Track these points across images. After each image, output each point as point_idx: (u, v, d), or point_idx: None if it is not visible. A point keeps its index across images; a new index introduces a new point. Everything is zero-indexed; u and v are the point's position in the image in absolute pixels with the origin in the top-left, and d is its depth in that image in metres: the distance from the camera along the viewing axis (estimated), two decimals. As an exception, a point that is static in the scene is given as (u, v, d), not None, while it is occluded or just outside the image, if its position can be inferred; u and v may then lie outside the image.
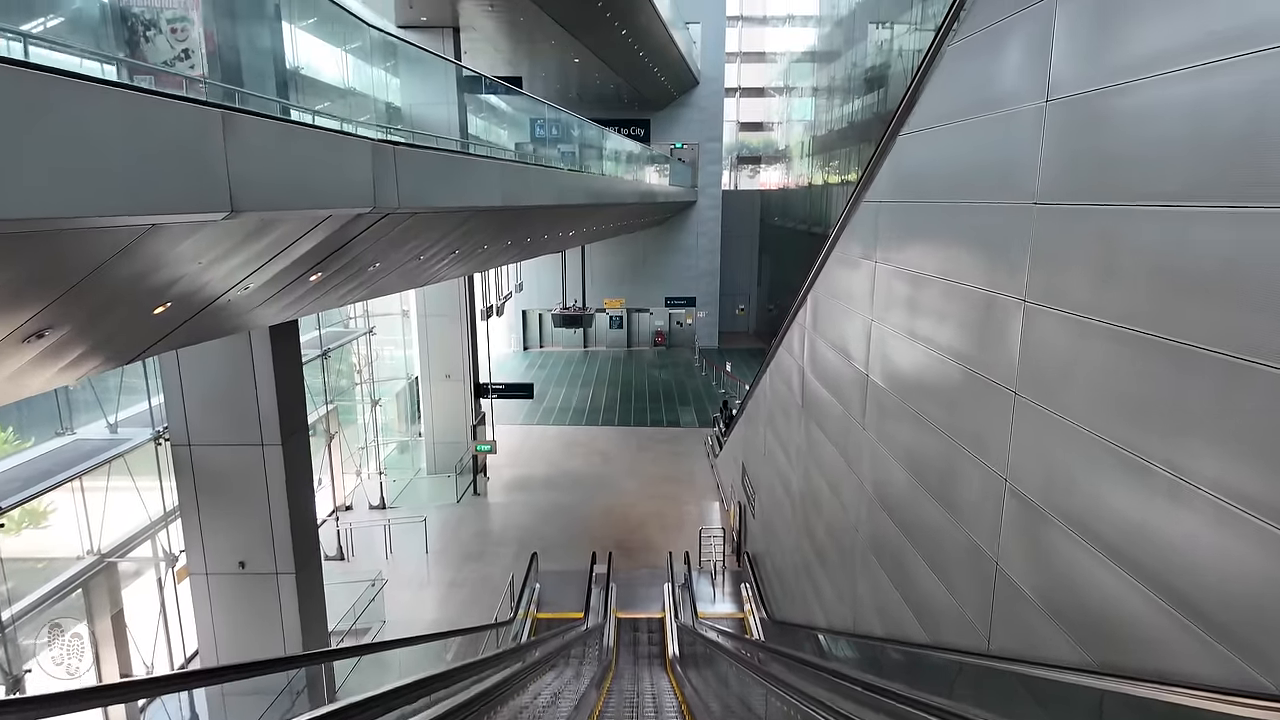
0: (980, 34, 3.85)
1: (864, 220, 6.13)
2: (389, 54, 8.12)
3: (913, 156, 5.04)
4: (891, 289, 5.40)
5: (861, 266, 6.14)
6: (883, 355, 5.68)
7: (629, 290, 32.46)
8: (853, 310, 6.41)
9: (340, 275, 6.46)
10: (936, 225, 4.61)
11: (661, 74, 26.46)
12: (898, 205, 5.34)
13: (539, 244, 12.97)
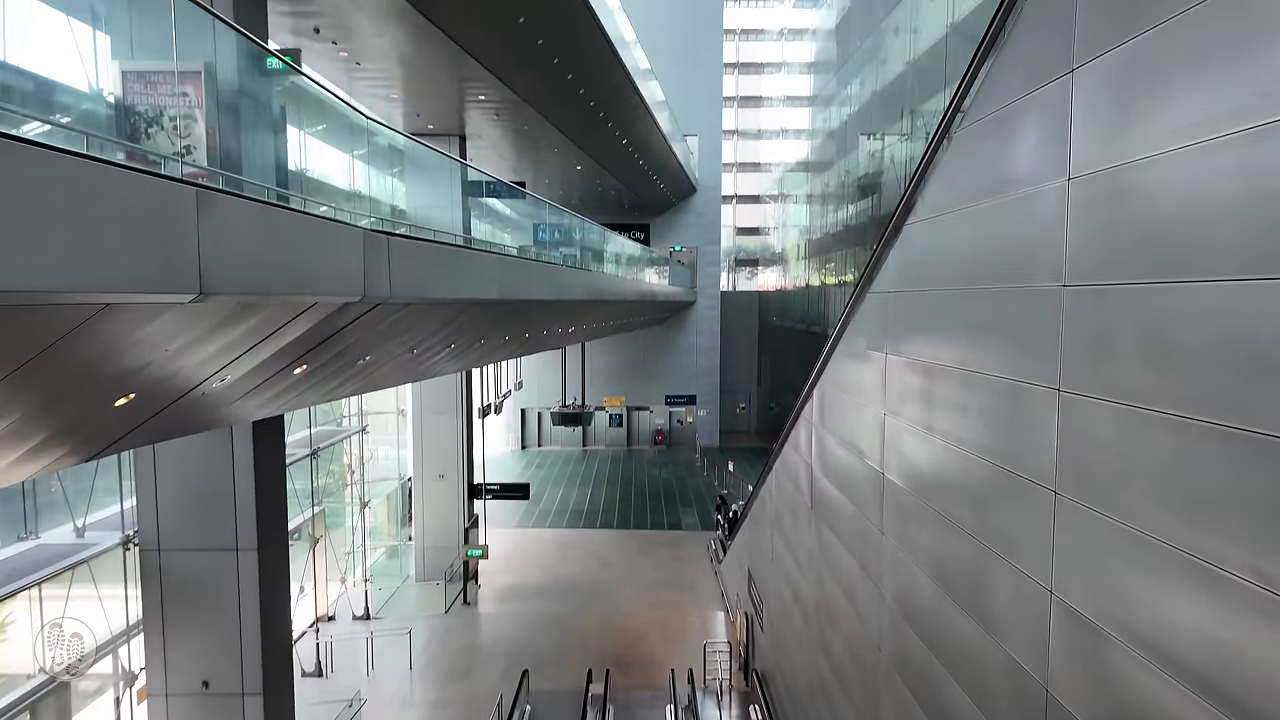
0: (989, 118, 3.77)
1: (871, 311, 5.94)
2: (395, 160, 8.26)
3: (921, 245, 4.90)
4: (904, 381, 5.12)
5: (871, 359, 5.90)
6: (899, 451, 5.32)
7: (629, 388, 32.29)
8: (863, 404, 6.11)
9: (328, 368, 6.21)
10: (951, 313, 4.39)
11: (661, 181, 27.41)
12: (907, 294, 5.15)
13: (538, 340, 12.85)
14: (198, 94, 5.02)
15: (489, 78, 12.10)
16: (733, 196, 37.12)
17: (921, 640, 5.03)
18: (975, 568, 4.22)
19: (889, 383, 5.40)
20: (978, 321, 3.99)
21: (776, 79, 35.94)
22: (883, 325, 5.60)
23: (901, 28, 17.66)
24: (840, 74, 24.77)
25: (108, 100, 4.97)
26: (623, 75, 15.09)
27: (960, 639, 4.42)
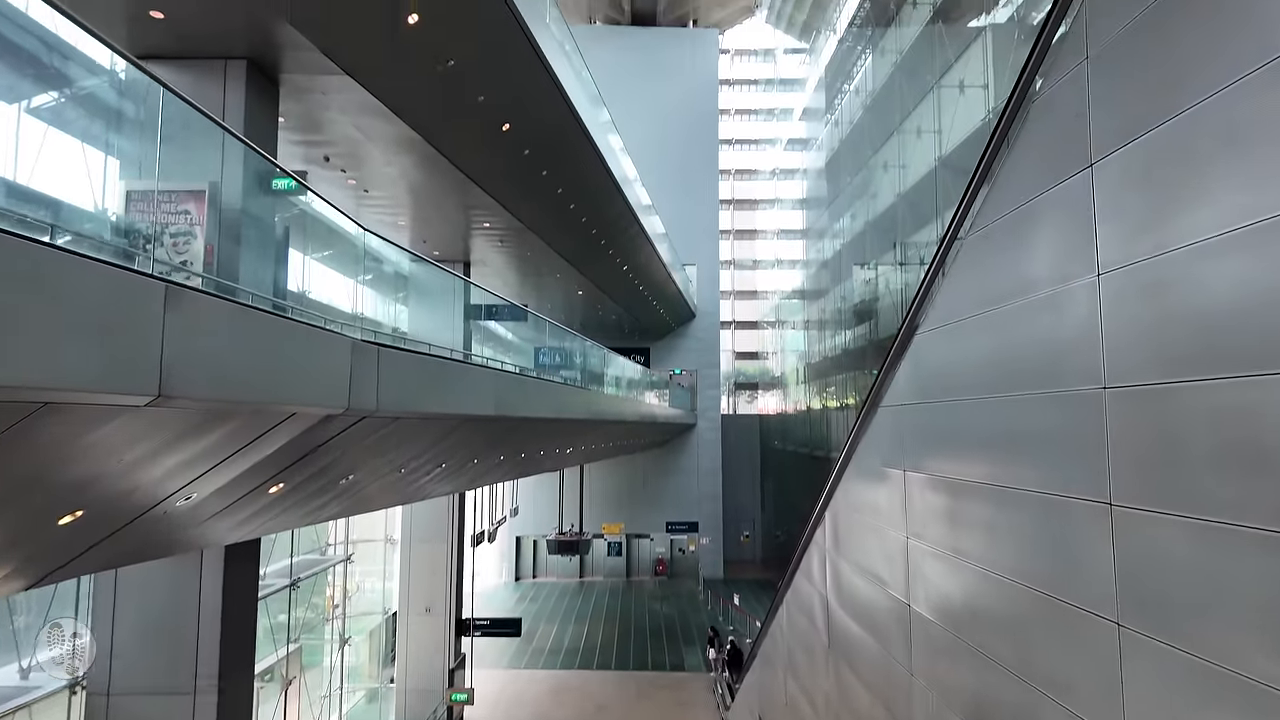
0: (1003, 219, 3.67)
1: (884, 426, 5.65)
2: (399, 285, 8.31)
3: (934, 354, 4.69)
4: (927, 500, 4.74)
5: (887, 477, 5.53)
6: (925, 579, 4.84)
7: (628, 514, 31.26)
8: (882, 527, 5.67)
9: (308, 487, 5.83)
10: (975, 424, 4.10)
11: (660, 306, 27.94)
12: (923, 407, 4.88)
13: (534, 461, 12.43)
14: (199, 212, 5.01)
15: (494, 206, 12.49)
16: (731, 322, 37.81)
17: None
18: (1021, 711, 3.67)
19: (909, 503, 5.01)
20: (1006, 432, 3.69)
21: (770, 214, 37.67)
22: (898, 440, 5.29)
23: (891, 163, 18.62)
24: (832, 208, 25.91)
25: (110, 220, 4.97)
26: (624, 207, 15.68)
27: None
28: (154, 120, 4.18)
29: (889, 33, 19.01)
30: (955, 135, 14.06)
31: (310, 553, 14.61)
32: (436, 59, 8.02)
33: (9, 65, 4.65)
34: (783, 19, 35.71)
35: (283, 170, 5.45)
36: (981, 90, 12.54)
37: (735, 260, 38.39)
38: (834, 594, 7.14)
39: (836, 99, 25.56)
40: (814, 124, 31.06)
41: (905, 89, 17.42)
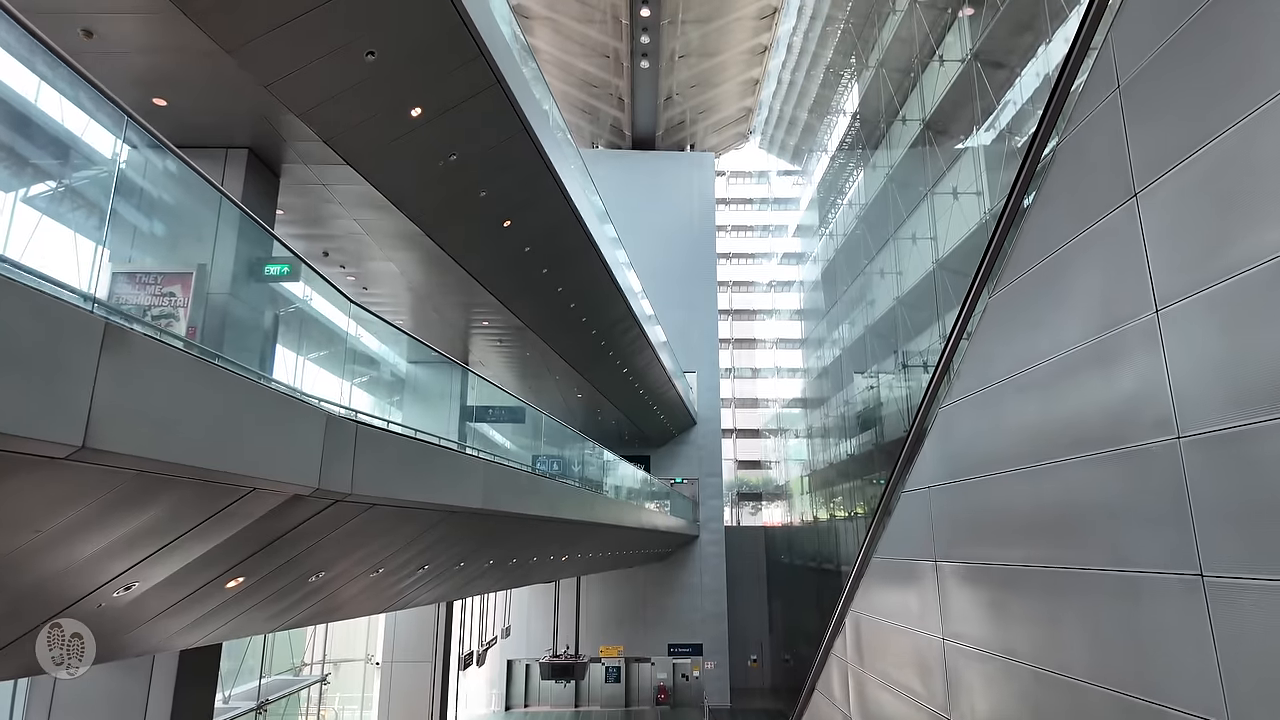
0: (1032, 272, 3.39)
1: (909, 514, 5.15)
2: (395, 389, 8.01)
3: (963, 427, 4.29)
4: (966, 594, 4.18)
5: (916, 572, 4.97)
6: (967, 687, 4.19)
7: (628, 635, 29.41)
8: (913, 630, 5.04)
9: (273, 583, 5.24)
10: (1019, 499, 3.64)
11: (661, 412, 27.58)
12: (954, 488, 4.43)
13: (526, 569, 11.64)
14: (185, 294, 4.78)
15: (494, 304, 12.44)
16: (732, 430, 37.31)
17: None
18: None
19: (945, 598, 4.44)
20: (1060, 503, 3.24)
21: (768, 324, 38.14)
22: (926, 529, 4.79)
23: (887, 269, 18.88)
24: (829, 316, 26.17)
25: (94, 298, 4.74)
26: (624, 307, 15.70)
27: None
28: (149, 207, 4.05)
29: (879, 151, 19.87)
30: (953, 235, 14.30)
31: (284, 672, 13.46)
32: (439, 154, 8.13)
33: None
34: (775, 144, 37.76)
35: (276, 245, 5.27)
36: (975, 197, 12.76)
37: (735, 369, 38.44)
38: (859, 713, 6.33)
39: (830, 213, 26.44)
40: (808, 239, 32.03)
41: (899, 199, 17.95)
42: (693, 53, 30.83)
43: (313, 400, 4.56)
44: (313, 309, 6.19)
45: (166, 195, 4.56)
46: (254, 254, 5.62)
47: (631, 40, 28.09)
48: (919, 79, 16.69)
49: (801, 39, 29.77)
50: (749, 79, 34.23)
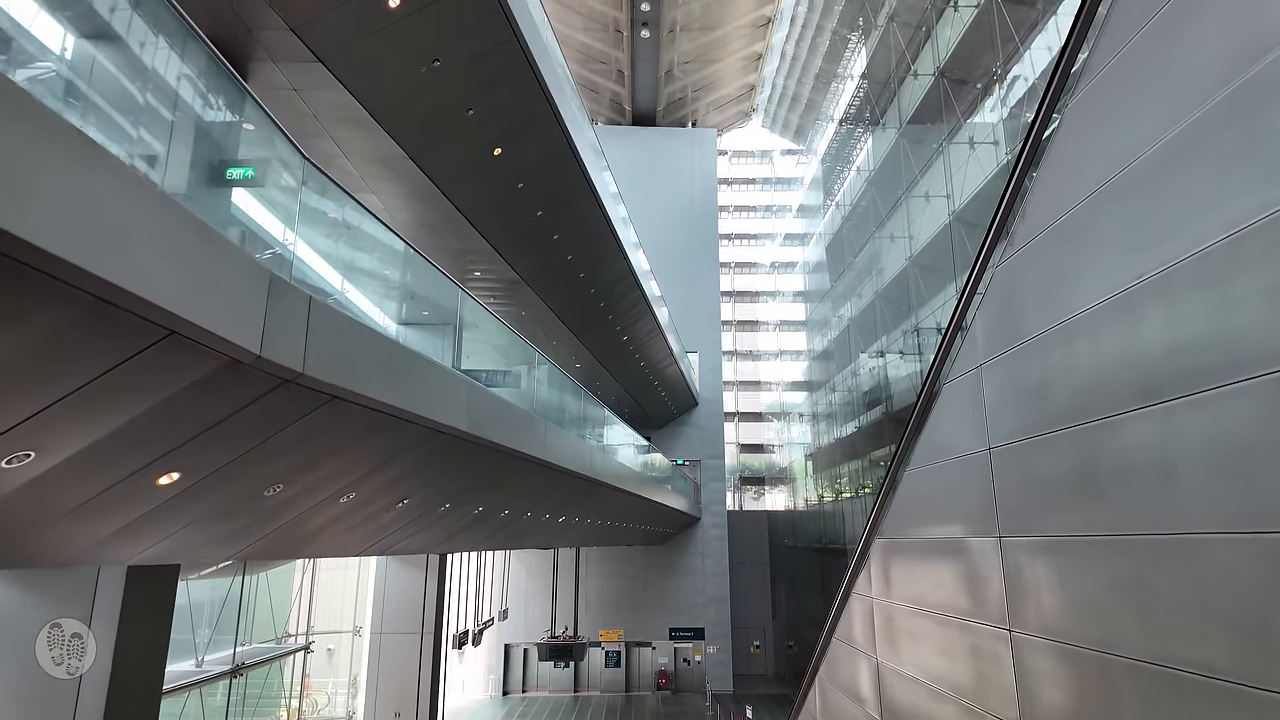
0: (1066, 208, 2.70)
1: (945, 480, 4.46)
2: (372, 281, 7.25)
3: (1032, 370, 3.61)
4: (1040, 575, 3.51)
5: (966, 550, 4.28)
6: (1036, 697, 3.53)
7: (628, 620, 28.78)
8: (951, 620, 4.35)
9: (217, 490, 4.56)
10: (1138, 449, 2.97)
11: (662, 389, 26.94)
12: (1033, 445, 3.73)
13: (519, 529, 10.97)
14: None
15: (489, 251, 11.77)
16: (734, 414, 36.63)
17: None
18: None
19: (1011, 579, 3.75)
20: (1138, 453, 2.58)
21: (771, 306, 37.46)
22: (982, 496, 4.09)
23: (899, 233, 18.20)
24: (834, 292, 25.50)
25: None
26: (625, 267, 15.02)
27: None
28: None
29: (889, 111, 19.17)
30: (970, 185, 13.64)
31: (266, 643, 12.82)
32: (421, 56, 7.46)
33: None
34: (778, 122, 37.08)
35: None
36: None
37: (737, 351, 37.76)
38: (871, 698, 5.65)
39: (836, 184, 25.75)
40: (811, 219, 31.34)
41: (911, 156, 17.27)
42: (694, 24, 30.10)
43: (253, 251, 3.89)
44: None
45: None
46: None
47: (632, 8, 27.38)
48: (933, 30, 16.02)
49: (806, 8, 29.07)
50: (751, 54, 33.51)
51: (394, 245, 5.98)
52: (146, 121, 3.95)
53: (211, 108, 4.45)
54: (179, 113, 4.18)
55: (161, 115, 4.04)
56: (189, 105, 4.28)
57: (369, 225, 5.60)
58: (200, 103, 4.38)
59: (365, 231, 5.69)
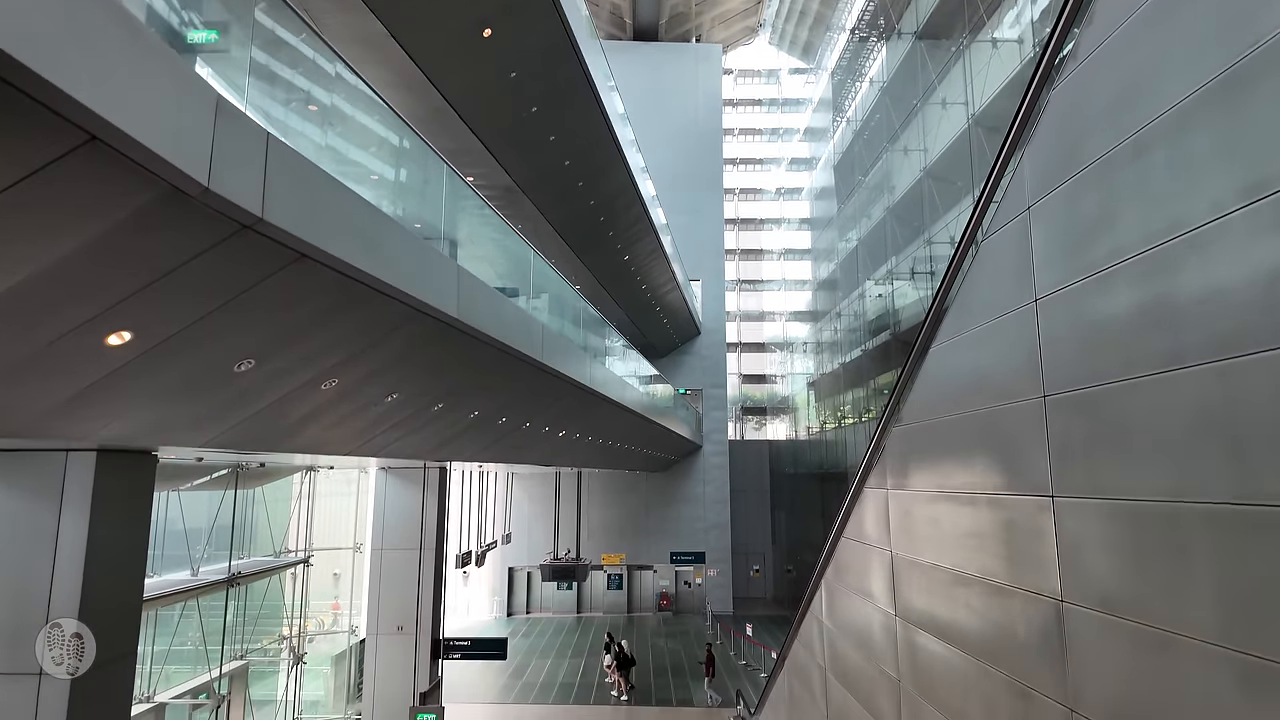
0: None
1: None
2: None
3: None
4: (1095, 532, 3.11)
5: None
6: (1087, 672, 3.16)
7: (629, 545, 29.16)
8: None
9: (178, 359, 4.16)
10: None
11: (664, 316, 26.50)
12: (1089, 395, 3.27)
13: (518, 437, 10.69)
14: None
15: (479, 150, 11.11)
16: (737, 344, 36.26)
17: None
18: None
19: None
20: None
21: (775, 234, 36.59)
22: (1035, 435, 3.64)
23: (913, 146, 17.37)
24: (843, 214, 24.71)
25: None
26: (626, 178, 14.33)
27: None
28: None
29: (905, 15, 18.03)
30: (991, 85, 12.83)
31: (265, 555, 12.77)
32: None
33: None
34: (785, 39, 35.39)
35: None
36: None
37: (741, 280, 37.09)
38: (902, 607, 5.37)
39: (847, 99, 24.62)
40: (818, 143, 30.18)
41: (929, 60, 16.30)
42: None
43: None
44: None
45: None
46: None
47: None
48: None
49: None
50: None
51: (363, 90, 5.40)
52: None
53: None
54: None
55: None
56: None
57: (341, 71, 5.03)
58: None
59: (336, 79, 5.12)
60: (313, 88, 5.12)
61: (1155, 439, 2.72)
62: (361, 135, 5.64)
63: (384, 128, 5.94)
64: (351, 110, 5.50)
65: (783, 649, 10.09)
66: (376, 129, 5.85)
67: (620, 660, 18.42)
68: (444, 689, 14.94)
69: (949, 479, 4.52)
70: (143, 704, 9.28)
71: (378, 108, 5.60)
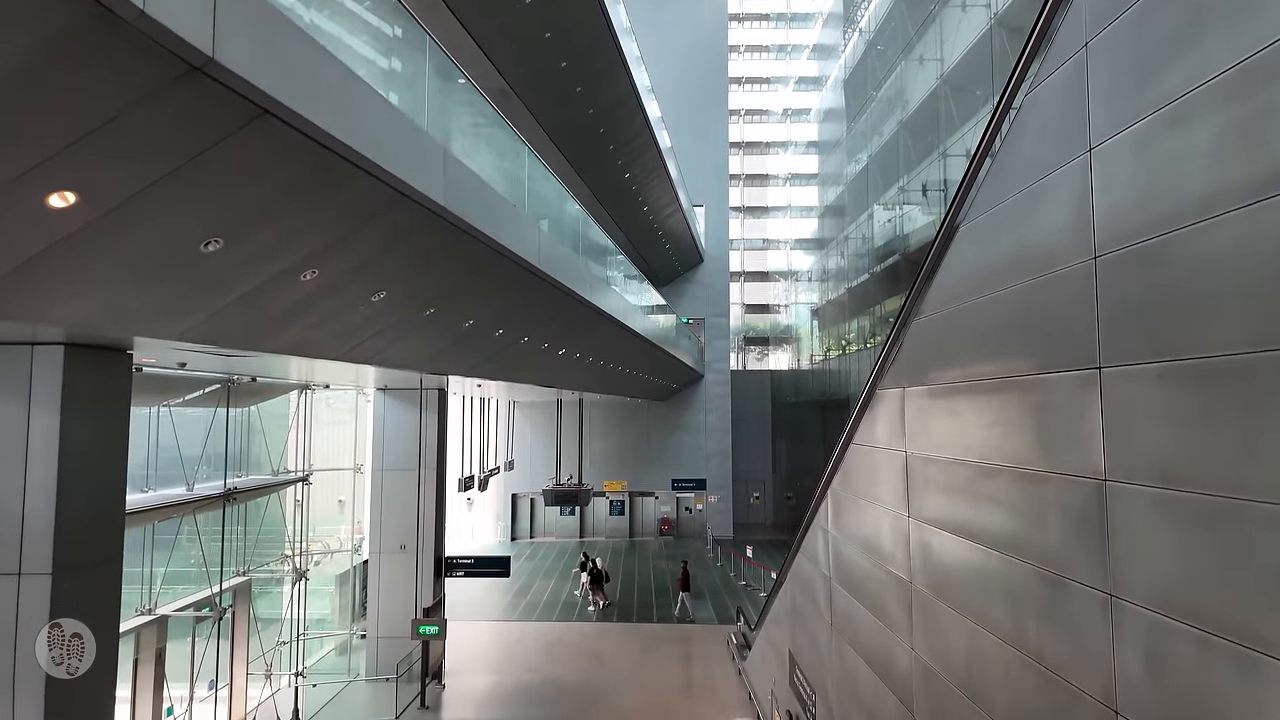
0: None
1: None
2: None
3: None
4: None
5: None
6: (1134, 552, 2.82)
7: (631, 473, 29.37)
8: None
9: (133, 234, 3.79)
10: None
11: (666, 241, 25.88)
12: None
13: (516, 353, 10.38)
14: None
15: (472, 49, 10.40)
16: (740, 273, 35.65)
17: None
18: None
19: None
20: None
21: (782, 158, 35.43)
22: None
23: (929, 55, 16.43)
24: (853, 133, 23.73)
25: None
26: (627, 84, 13.57)
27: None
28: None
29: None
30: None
31: (263, 475, 12.68)
32: None
33: None
34: (796, -53, 33.36)
35: None
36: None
37: (745, 207, 36.16)
38: (916, 520, 5.11)
39: (858, 9, 23.30)
40: (827, 61, 28.77)
41: (949, -43, 15.21)
42: None
43: None
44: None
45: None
46: None
47: None
48: None
49: None
50: None
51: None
52: None
53: None
54: None
55: None
56: None
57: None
58: None
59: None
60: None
61: (1235, 285, 2.37)
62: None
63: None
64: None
65: (784, 565, 10.05)
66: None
67: (594, 576, 19.32)
68: (449, 608, 15.17)
69: (974, 368, 4.20)
70: (144, 616, 9.31)
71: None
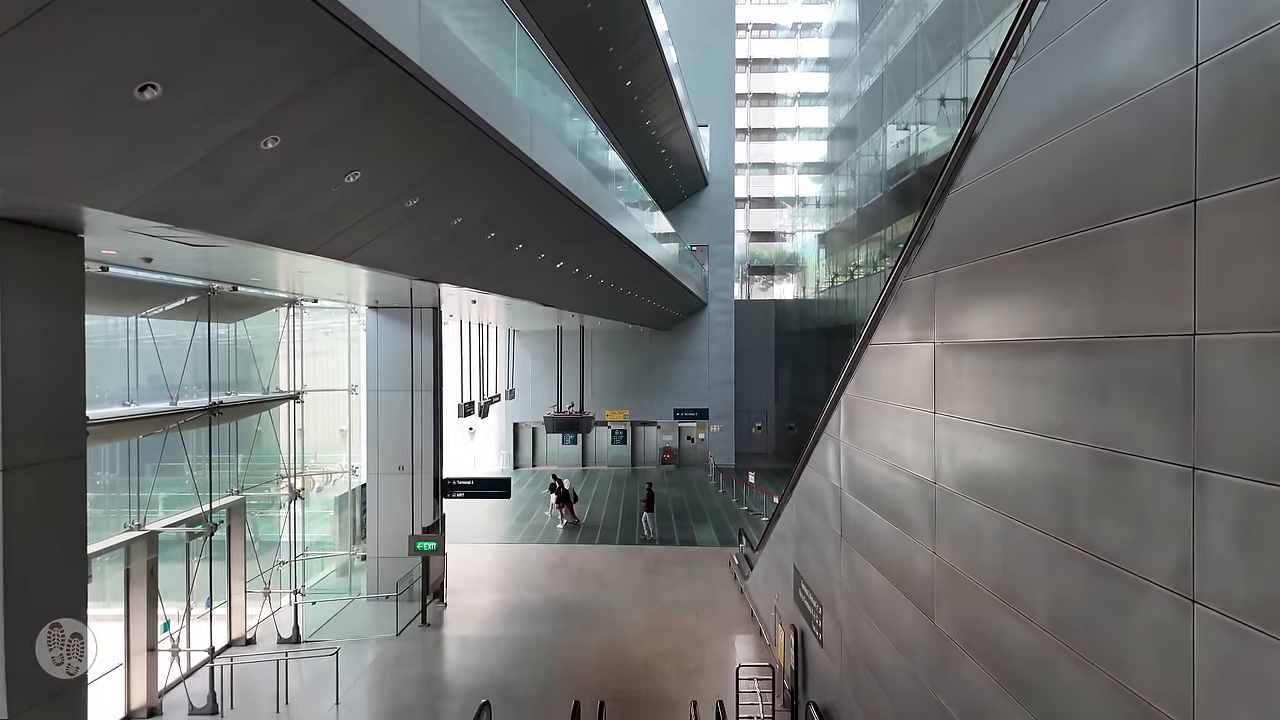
0: None
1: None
2: None
3: None
4: None
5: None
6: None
7: (633, 402, 29.13)
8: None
9: (49, 73, 3.22)
10: None
11: (670, 161, 24.88)
12: None
13: (509, 261, 9.80)
14: None
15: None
16: (746, 200, 34.57)
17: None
18: None
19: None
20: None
21: (790, 77, 33.85)
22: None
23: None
24: (868, 44, 22.39)
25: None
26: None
27: None
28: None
29: None
30: None
31: (253, 391, 12.32)
32: None
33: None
34: None
35: None
36: None
37: (752, 129, 34.76)
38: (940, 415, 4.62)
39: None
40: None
41: None
42: None
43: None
44: None
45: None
46: None
47: None
48: None
49: None
50: None
51: None
52: None
53: None
54: None
55: None
56: None
57: None
58: None
59: None
60: None
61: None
62: None
63: None
64: None
65: (789, 484, 9.75)
66: None
67: (561, 496, 20.21)
68: (451, 531, 15.09)
69: (1024, 231, 3.67)
70: (133, 531, 9.09)
71: None
